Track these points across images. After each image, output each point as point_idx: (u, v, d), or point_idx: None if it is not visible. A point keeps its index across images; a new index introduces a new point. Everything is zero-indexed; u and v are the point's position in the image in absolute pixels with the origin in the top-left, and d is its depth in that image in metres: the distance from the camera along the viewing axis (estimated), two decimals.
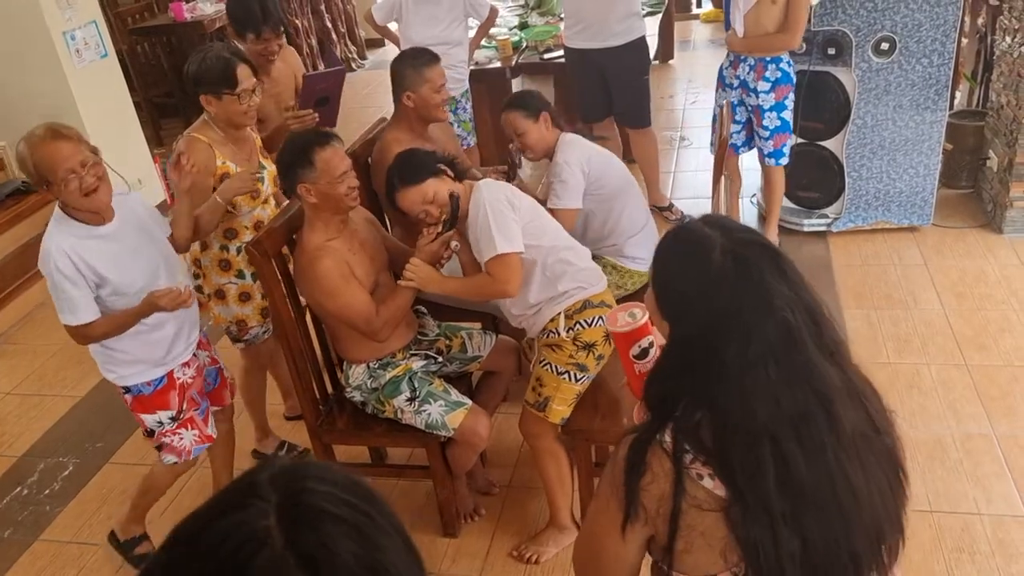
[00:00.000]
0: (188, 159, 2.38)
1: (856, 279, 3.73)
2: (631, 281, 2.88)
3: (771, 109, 3.58)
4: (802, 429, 1.09)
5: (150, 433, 2.38)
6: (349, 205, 2.28)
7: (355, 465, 2.80)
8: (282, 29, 2.97)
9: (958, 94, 4.61)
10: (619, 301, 2.88)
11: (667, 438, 1.14)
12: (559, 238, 2.36)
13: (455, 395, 2.39)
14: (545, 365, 2.33)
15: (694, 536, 1.11)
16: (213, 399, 2.56)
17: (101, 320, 2.17)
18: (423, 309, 2.67)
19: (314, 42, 7.38)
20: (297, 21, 7.10)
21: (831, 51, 3.68)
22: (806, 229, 4.09)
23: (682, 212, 4.39)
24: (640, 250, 2.83)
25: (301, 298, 2.46)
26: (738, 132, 3.76)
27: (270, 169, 2.67)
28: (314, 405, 2.51)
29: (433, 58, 2.85)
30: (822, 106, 3.81)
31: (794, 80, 3.56)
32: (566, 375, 2.30)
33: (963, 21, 3.75)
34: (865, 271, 3.78)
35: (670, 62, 6.80)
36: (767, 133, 3.63)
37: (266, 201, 2.72)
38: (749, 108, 3.66)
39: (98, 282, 2.15)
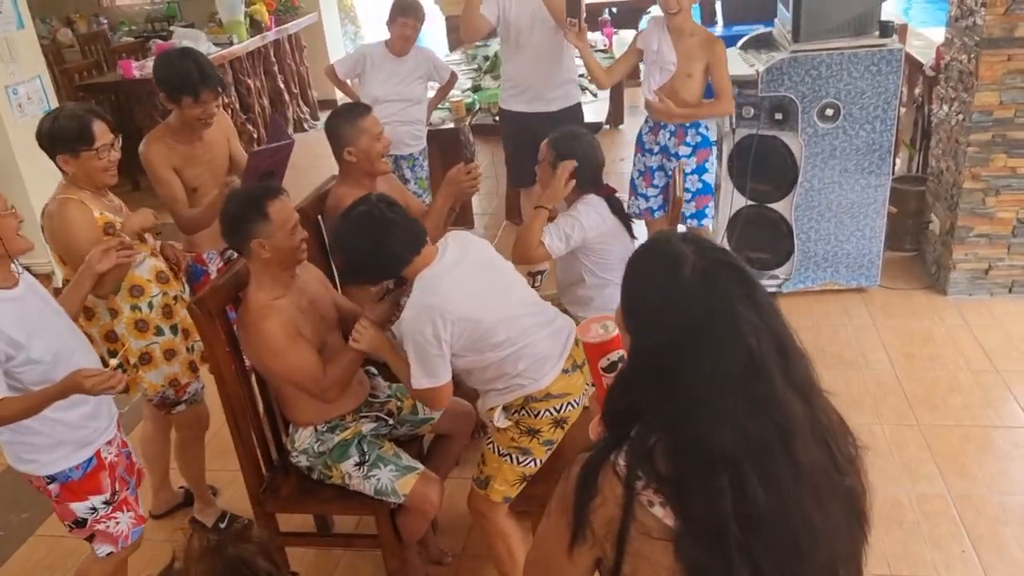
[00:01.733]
0: (130, 250, 2.26)
1: (807, 339, 3.65)
2: None
3: (693, 172, 3.64)
4: (761, 458, 1.06)
5: (80, 523, 2.14)
6: (301, 258, 2.22)
7: (299, 535, 2.67)
8: (220, 90, 2.78)
9: (898, 161, 4.75)
10: None
11: (621, 461, 1.11)
12: (500, 348, 2.12)
13: (406, 459, 2.30)
14: (489, 443, 2.25)
15: (640, 563, 1.09)
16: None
17: (13, 399, 1.90)
18: (374, 370, 2.59)
19: (266, 102, 7.36)
20: (249, 81, 7.08)
21: (778, 116, 3.77)
22: None
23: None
24: None
25: (246, 359, 2.36)
26: (655, 196, 3.81)
27: None
28: (257, 471, 2.39)
29: (366, 109, 2.80)
30: (770, 169, 3.89)
31: (713, 144, 3.66)
32: (507, 457, 2.21)
33: (901, 91, 3.88)
34: (816, 332, 3.81)
35: (620, 127, 6.93)
36: (689, 196, 3.66)
37: (154, 253, 2.64)
38: (669, 173, 3.72)
39: (9, 350, 1.92)
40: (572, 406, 2.21)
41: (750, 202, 4.02)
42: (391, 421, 2.45)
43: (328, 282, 2.53)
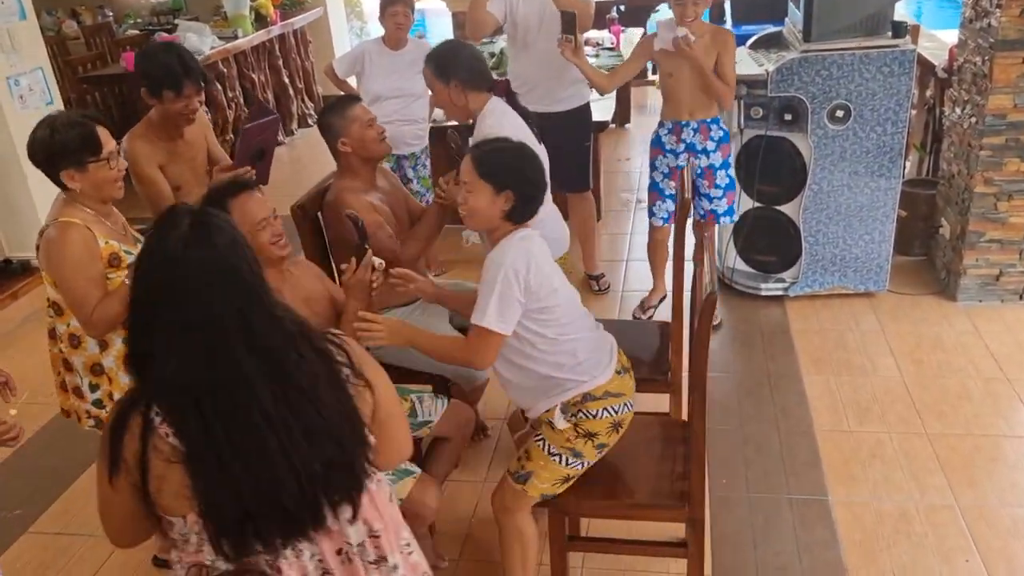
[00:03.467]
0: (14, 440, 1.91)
1: (814, 344, 3.69)
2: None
3: (721, 167, 3.61)
4: (219, 397, 1.31)
5: None
6: (277, 254, 2.16)
7: None
8: (203, 84, 2.70)
9: (907, 163, 4.68)
10: None
11: (143, 402, 1.34)
12: (566, 328, 2.10)
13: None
14: (539, 440, 2.15)
15: (162, 483, 1.33)
16: None
17: None
18: None
19: (271, 96, 7.32)
20: (254, 76, 7.04)
21: (788, 117, 3.70)
22: (763, 293, 4.07)
23: (609, 284, 4.34)
24: None
25: None
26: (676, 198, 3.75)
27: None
28: None
29: (353, 99, 2.79)
30: (779, 171, 3.82)
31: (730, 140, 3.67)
32: (558, 457, 2.12)
33: (912, 93, 3.82)
34: (823, 336, 3.75)
35: (627, 126, 6.87)
36: (720, 192, 3.63)
37: None
38: (697, 170, 3.66)
39: None
40: (628, 408, 2.16)
41: (758, 204, 3.95)
42: None
43: (325, 277, 2.48)
